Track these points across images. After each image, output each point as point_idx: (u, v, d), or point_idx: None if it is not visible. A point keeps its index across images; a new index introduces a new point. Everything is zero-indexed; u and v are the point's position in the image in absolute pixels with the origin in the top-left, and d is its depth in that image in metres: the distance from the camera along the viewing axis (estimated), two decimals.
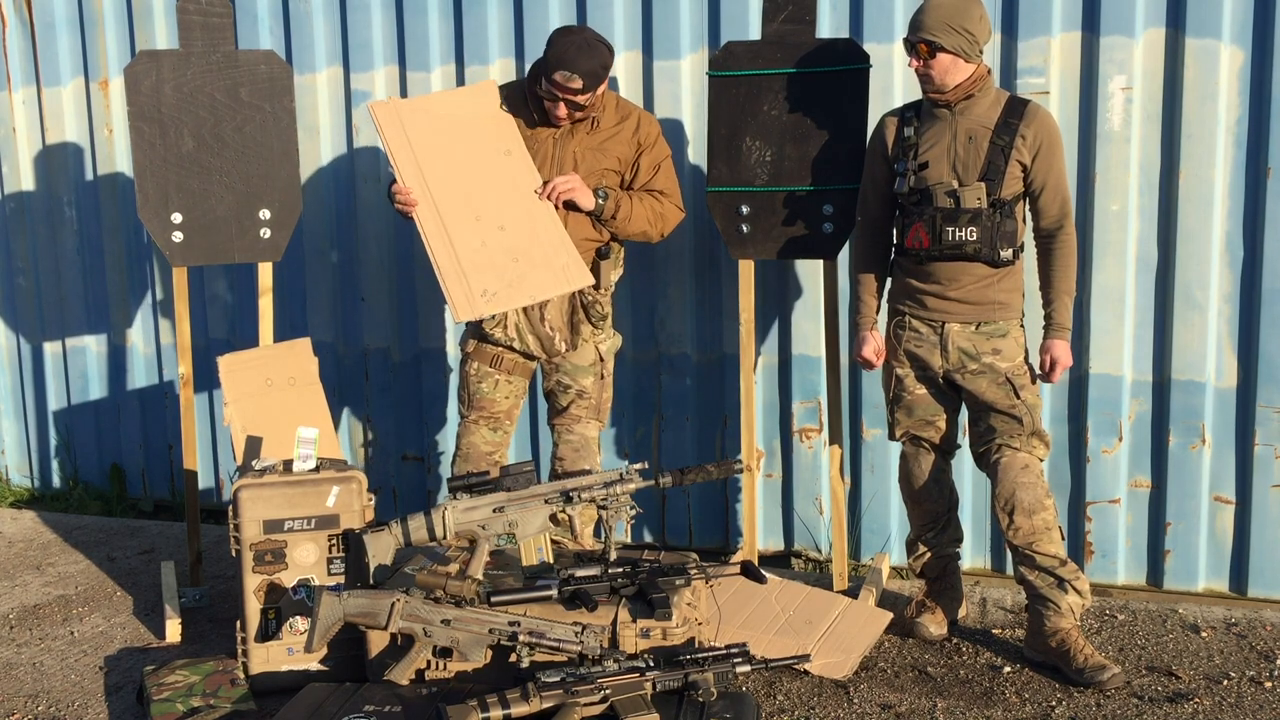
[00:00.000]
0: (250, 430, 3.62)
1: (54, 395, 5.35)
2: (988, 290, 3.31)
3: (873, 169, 3.49)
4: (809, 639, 3.39)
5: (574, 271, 3.52)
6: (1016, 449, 3.31)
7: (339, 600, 2.92)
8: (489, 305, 3.48)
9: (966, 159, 3.27)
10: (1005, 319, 3.34)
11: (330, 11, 4.58)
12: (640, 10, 4.21)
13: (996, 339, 3.33)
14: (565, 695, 2.71)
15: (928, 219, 3.28)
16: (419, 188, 3.50)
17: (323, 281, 4.75)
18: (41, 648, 3.66)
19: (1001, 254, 3.25)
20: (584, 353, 3.66)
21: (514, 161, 3.54)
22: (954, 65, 3.21)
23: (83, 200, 5.11)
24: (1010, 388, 3.32)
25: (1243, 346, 3.77)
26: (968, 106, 3.27)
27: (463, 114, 3.59)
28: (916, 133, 3.34)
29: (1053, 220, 3.30)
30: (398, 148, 3.53)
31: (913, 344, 3.43)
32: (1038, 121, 3.25)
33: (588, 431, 3.69)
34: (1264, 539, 3.80)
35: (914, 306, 3.41)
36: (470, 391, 3.70)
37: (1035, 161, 3.25)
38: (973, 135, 3.26)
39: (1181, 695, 3.16)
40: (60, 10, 4.98)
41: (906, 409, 3.50)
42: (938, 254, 3.29)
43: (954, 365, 3.37)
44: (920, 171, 3.30)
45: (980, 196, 3.23)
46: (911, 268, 3.40)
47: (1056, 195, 3.28)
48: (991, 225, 3.23)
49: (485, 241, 3.50)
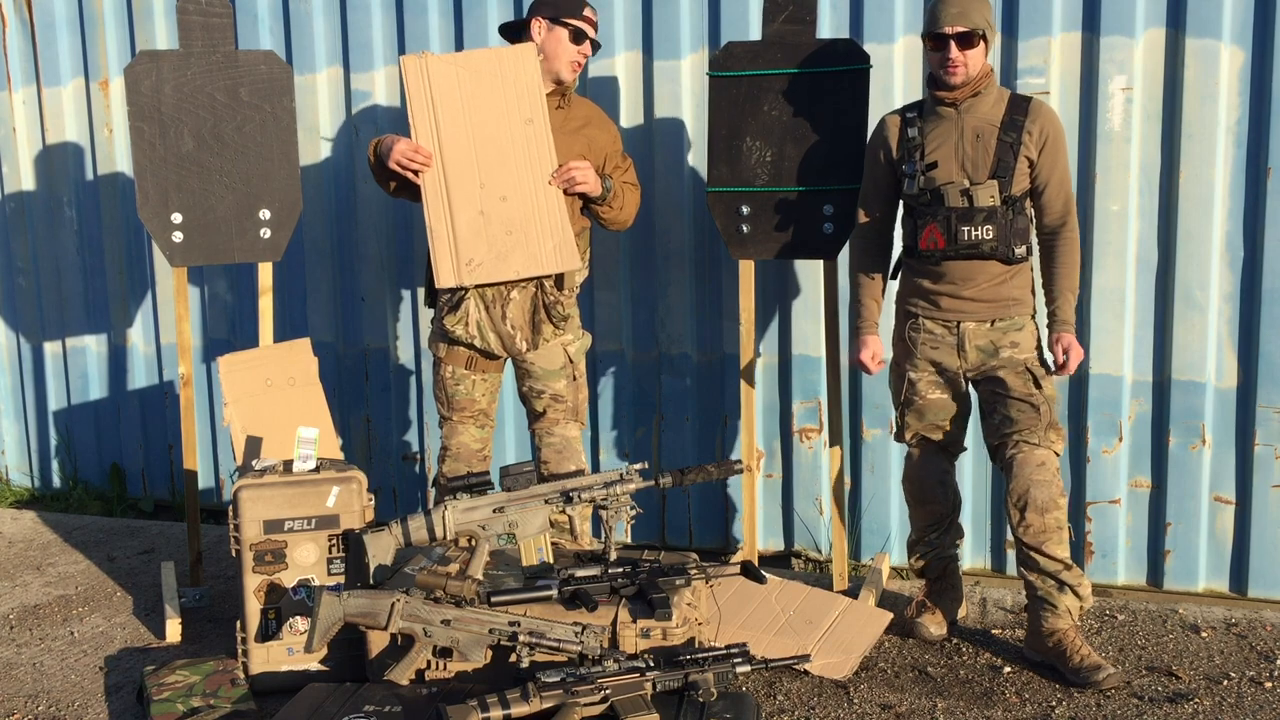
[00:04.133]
0: (250, 430, 3.62)
1: (54, 395, 5.35)
2: (1001, 288, 3.31)
3: (874, 170, 3.47)
4: (809, 639, 3.39)
5: (564, 253, 3.51)
6: (1034, 444, 3.26)
7: (339, 600, 2.92)
8: (472, 275, 3.47)
9: (975, 157, 3.25)
10: (1020, 314, 3.34)
11: (330, 11, 4.58)
12: (640, 10, 4.21)
13: (1014, 332, 3.33)
14: (565, 695, 2.71)
15: (941, 219, 3.26)
16: (430, 146, 3.47)
17: (323, 281, 4.75)
18: (41, 648, 3.66)
19: (1015, 251, 3.25)
20: (552, 356, 3.63)
21: (533, 131, 3.50)
22: (982, 58, 3.21)
23: (83, 200, 5.11)
24: (1030, 376, 3.30)
25: (1243, 346, 3.77)
26: (974, 104, 3.26)
27: (494, 75, 3.51)
28: (921, 133, 3.31)
29: (1057, 217, 3.29)
30: (419, 105, 3.49)
31: (928, 346, 3.40)
32: (1043, 117, 3.25)
33: (568, 433, 3.68)
34: (1264, 539, 3.80)
35: (927, 307, 3.39)
36: (449, 394, 3.68)
37: (1041, 157, 3.24)
38: (980, 133, 3.25)
39: (1181, 695, 3.16)
40: (60, 10, 4.98)
41: (918, 413, 3.47)
42: (953, 254, 3.27)
43: (973, 364, 3.36)
44: (929, 172, 3.28)
45: (994, 195, 3.22)
46: (922, 268, 3.38)
47: (1061, 191, 3.28)
48: (1006, 223, 3.23)
49: (484, 210, 3.48)
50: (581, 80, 4.29)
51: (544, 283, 3.54)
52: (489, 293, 3.52)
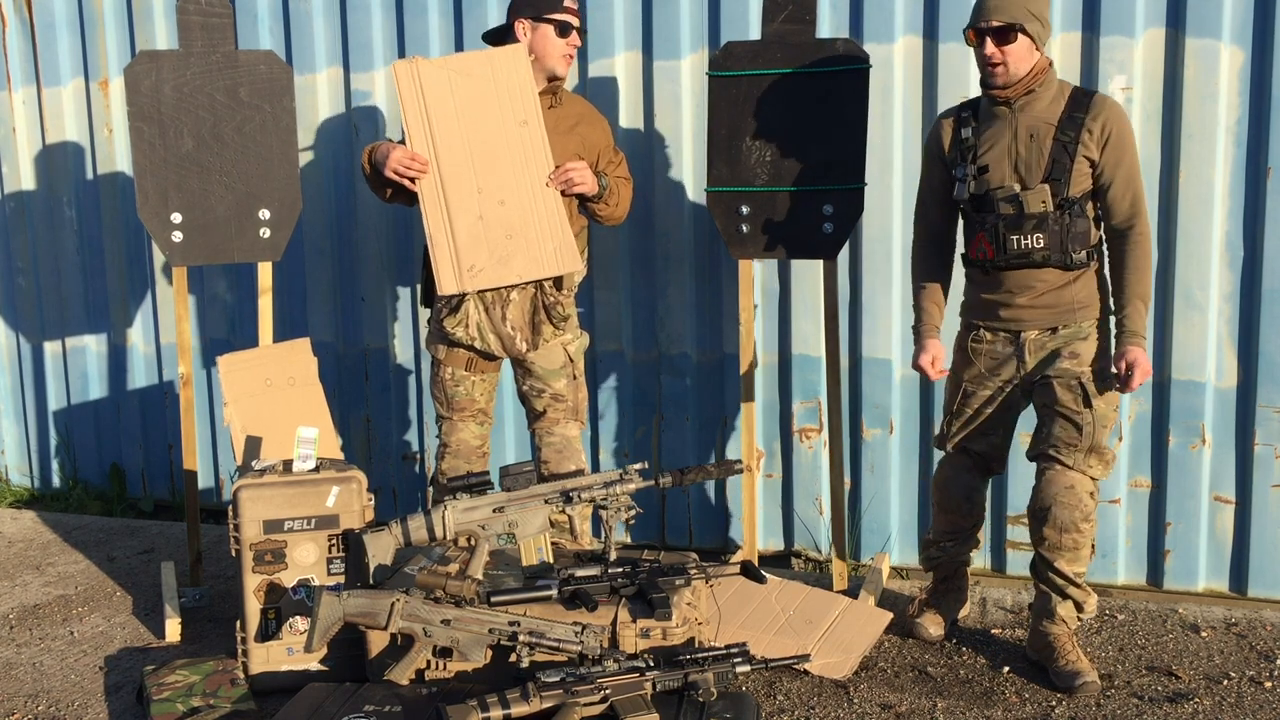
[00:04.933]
0: (250, 430, 3.62)
1: (54, 395, 5.35)
2: (1064, 294, 3.15)
3: (930, 174, 3.35)
4: (809, 639, 3.39)
5: (565, 255, 3.50)
6: (1068, 466, 3.13)
7: (339, 600, 2.92)
8: (475, 281, 3.47)
9: (1029, 159, 3.11)
10: (1085, 320, 3.17)
11: (330, 11, 4.58)
12: (640, 10, 4.21)
13: (1076, 342, 3.17)
14: (565, 695, 2.71)
15: (990, 228, 3.14)
16: (425, 152, 3.46)
17: (323, 281, 4.75)
18: (41, 648, 3.66)
19: (1074, 256, 3.10)
20: (553, 356, 3.63)
21: (528, 133, 3.48)
22: (1029, 53, 3.04)
23: (83, 200, 5.11)
24: (1081, 392, 3.14)
25: (1243, 346, 3.77)
26: (1028, 102, 3.11)
27: (486, 77, 3.48)
28: (975, 134, 3.18)
29: (1124, 218, 3.11)
30: (412, 111, 3.47)
31: (988, 358, 3.28)
32: (1106, 112, 3.07)
33: (568, 432, 3.69)
34: (1264, 539, 3.80)
35: (986, 319, 3.27)
36: (448, 395, 3.68)
37: (1104, 155, 3.06)
38: (1034, 133, 3.09)
39: (1181, 695, 3.15)
40: (60, 10, 4.98)
41: (965, 423, 3.37)
42: (1004, 264, 3.15)
43: (1031, 373, 3.22)
44: (980, 175, 3.15)
45: (1045, 200, 3.07)
46: (979, 278, 3.25)
47: (1128, 191, 3.09)
48: (1060, 228, 3.08)
49: (483, 215, 3.47)
50: (581, 80, 4.29)
51: (543, 284, 3.54)
52: (488, 294, 3.52)
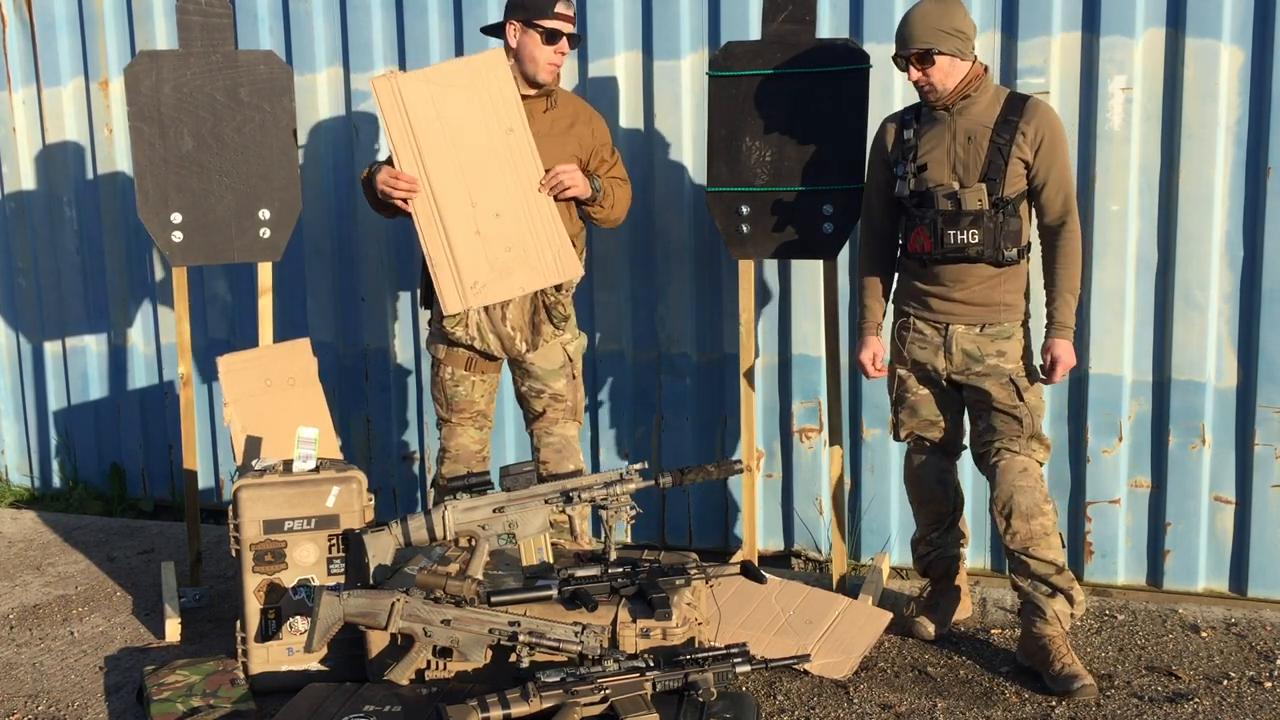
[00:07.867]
0: (250, 430, 3.62)
1: (54, 395, 5.35)
2: (992, 291, 3.30)
3: (874, 173, 3.49)
4: (809, 639, 3.39)
5: (565, 261, 3.50)
6: (1015, 452, 3.29)
7: (339, 600, 2.92)
8: (478, 297, 3.47)
9: (967, 159, 3.26)
10: (1010, 320, 3.33)
11: (330, 11, 4.58)
12: (640, 10, 4.21)
13: (1001, 341, 3.32)
14: (565, 695, 2.70)
15: (929, 222, 3.28)
16: (415, 171, 3.44)
17: (323, 281, 4.75)
18: (41, 648, 3.66)
19: (1006, 254, 3.24)
20: (552, 356, 3.63)
21: (515, 140, 3.45)
22: (952, 67, 3.20)
23: (83, 200, 5.11)
24: (1014, 388, 3.31)
25: (1243, 346, 3.77)
26: (965, 106, 3.26)
27: (466, 86, 3.46)
28: (916, 135, 3.33)
29: (1055, 216, 3.27)
30: (396, 128, 3.44)
31: (916, 346, 3.42)
32: (1038, 116, 3.23)
33: (567, 432, 3.69)
34: (1264, 539, 3.80)
35: (918, 308, 3.41)
36: (448, 396, 3.68)
37: (1037, 157, 3.22)
38: (972, 135, 3.25)
39: (1181, 695, 3.15)
40: (60, 10, 4.98)
41: (910, 409, 3.50)
42: (940, 257, 3.29)
43: (957, 367, 3.37)
44: (920, 174, 3.30)
45: (981, 198, 3.22)
46: (915, 269, 3.39)
47: (1059, 191, 3.25)
48: (994, 226, 3.22)
49: (480, 229, 3.46)
50: (581, 80, 4.29)
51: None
52: None
